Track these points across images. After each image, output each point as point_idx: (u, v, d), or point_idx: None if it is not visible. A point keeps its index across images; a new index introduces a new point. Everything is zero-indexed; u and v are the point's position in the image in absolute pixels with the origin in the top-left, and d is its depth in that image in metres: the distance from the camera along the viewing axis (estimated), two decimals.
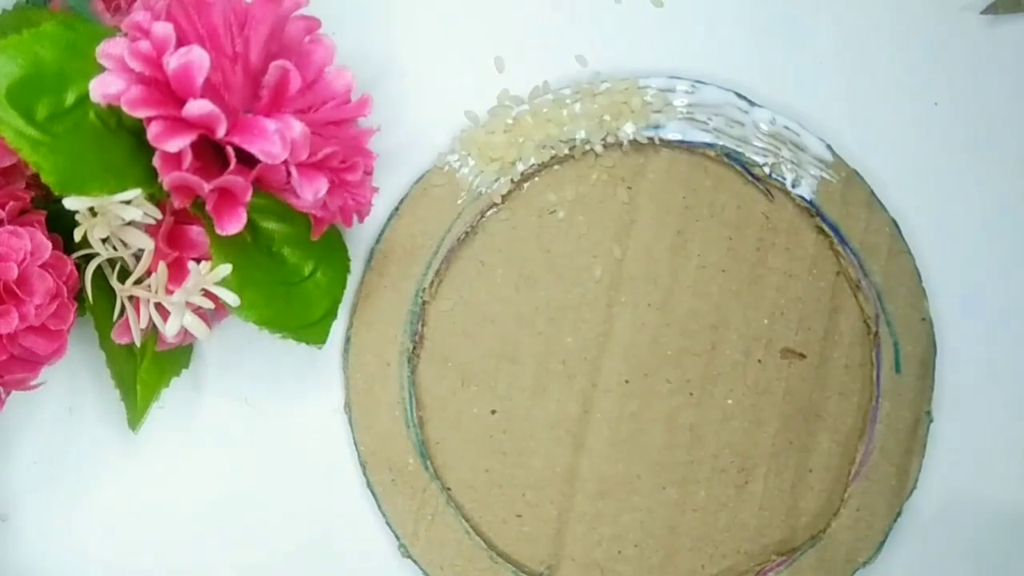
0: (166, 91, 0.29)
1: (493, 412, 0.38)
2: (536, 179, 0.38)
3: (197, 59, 0.28)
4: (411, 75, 0.38)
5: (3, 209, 0.31)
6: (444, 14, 0.38)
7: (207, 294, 0.31)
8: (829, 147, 0.38)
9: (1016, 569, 0.38)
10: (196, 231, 0.32)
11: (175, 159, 0.29)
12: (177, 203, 0.30)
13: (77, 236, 0.31)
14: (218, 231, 0.30)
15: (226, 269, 0.31)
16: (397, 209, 0.37)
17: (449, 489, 0.38)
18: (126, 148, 0.30)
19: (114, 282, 0.33)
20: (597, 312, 0.38)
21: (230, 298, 0.31)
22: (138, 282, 0.32)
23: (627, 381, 0.38)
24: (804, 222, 0.38)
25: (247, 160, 0.30)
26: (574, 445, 0.38)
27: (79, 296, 0.33)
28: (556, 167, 0.38)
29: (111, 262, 0.33)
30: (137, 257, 0.32)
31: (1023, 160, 0.39)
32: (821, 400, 0.38)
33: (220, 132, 0.29)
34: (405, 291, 0.37)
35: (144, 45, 0.28)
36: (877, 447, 0.38)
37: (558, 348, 0.38)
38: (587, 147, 0.37)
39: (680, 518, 0.38)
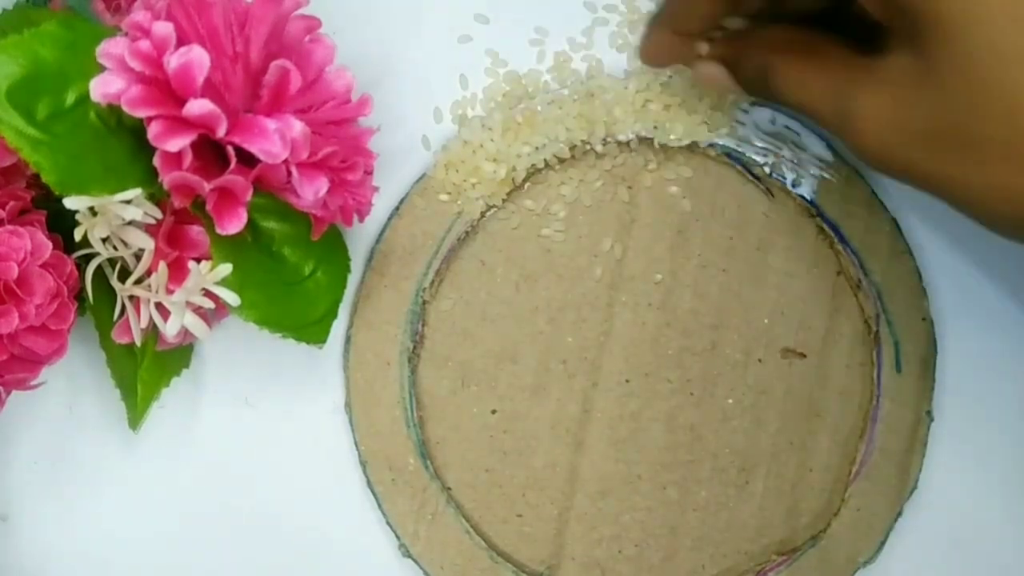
0: (166, 91, 0.29)
1: (493, 412, 0.38)
2: (536, 179, 0.38)
3: (197, 59, 0.28)
4: (411, 75, 0.38)
5: (3, 209, 0.31)
6: (444, 14, 0.38)
7: (207, 294, 0.31)
8: (829, 146, 0.38)
9: (1016, 569, 0.38)
10: (196, 231, 0.32)
11: (175, 159, 0.29)
12: (177, 203, 0.30)
13: (77, 236, 0.31)
14: (218, 231, 0.30)
15: (226, 269, 0.31)
16: (397, 209, 0.37)
17: (449, 489, 0.38)
18: (126, 148, 0.30)
19: (114, 282, 0.33)
20: (597, 312, 0.38)
21: (230, 298, 0.31)
22: (138, 282, 0.32)
23: (627, 381, 0.38)
24: (804, 221, 0.38)
25: (247, 160, 0.30)
26: (574, 445, 0.38)
27: (79, 296, 0.33)
28: (556, 167, 0.38)
29: (111, 262, 0.33)
30: (137, 257, 0.32)
31: None
32: (821, 400, 0.38)
33: (220, 132, 0.29)
34: (405, 291, 0.37)
35: (144, 45, 0.28)
36: (877, 447, 0.38)
37: (558, 348, 0.38)
38: (587, 147, 0.37)
39: (680, 518, 0.38)
